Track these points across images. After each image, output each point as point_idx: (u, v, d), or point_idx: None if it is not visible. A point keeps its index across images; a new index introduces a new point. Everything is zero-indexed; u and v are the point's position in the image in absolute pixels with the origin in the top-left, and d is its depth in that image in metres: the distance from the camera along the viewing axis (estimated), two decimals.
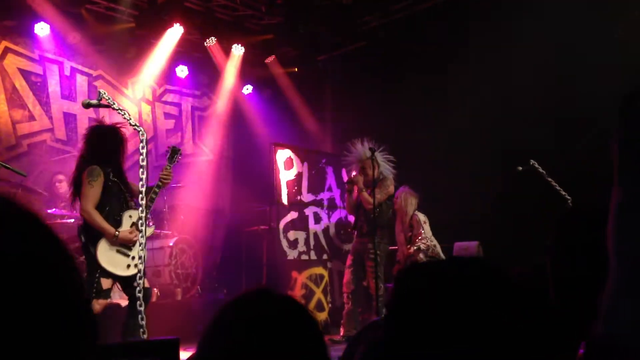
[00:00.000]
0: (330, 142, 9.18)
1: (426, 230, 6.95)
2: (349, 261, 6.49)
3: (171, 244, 6.81)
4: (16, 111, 7.31)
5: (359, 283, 6.38)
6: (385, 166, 6.57)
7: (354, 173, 6.67)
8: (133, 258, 4.30)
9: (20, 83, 7.37)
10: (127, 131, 4.42)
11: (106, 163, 4.30)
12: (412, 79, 7.94)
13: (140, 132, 3.78)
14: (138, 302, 3.85)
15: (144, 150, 3.74)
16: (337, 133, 9.10)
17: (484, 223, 7.85)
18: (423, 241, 6.85)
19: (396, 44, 8.18)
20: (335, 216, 8.38)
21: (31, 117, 7.46)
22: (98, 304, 4.20)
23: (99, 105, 3.74)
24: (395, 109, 8.23)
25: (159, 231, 6.99)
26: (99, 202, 4.23)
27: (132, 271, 4.27)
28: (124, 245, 4.31)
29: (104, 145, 4.31)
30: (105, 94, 3.70)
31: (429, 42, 7.84)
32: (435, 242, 6.96)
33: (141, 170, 3.71)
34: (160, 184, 4.33)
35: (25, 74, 7.44)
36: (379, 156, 6.46)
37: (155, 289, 6.52)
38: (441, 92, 7.82)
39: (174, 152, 4.51)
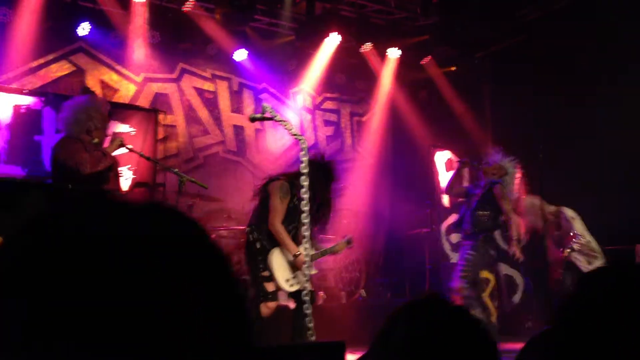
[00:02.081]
0: (490, 141, 8.85)
1: (577, 226, 6.43)
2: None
3: None
4: (192, 126, 7.97)
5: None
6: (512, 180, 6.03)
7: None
8: (294, 278, 4.48)
9: (195, 100, 8.04)
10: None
11: (296, 185, 4.34)
12: (577, 76, 7.40)
13: (302, 141, 3.92)
14: (305, 305, 3.98)
15: (305, 159, 3.87)
16: (498, 132, 8.75)
17: None
18: (574, 240, 6.38)
19: (558, 37, 7.67)
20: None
21: (205, 131, 8.09)
22: (267, 307, 4.42)
23: (263, 119, 3.94)
24: (558, 105, 7.71)
25: (323, 236, 7.21)
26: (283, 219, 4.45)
27: (287, 288, 4.46)
28: (294, 265, 4.51)
29: (316, 174, 4.27)
30: (268, 107, 3.90)
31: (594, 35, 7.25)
32: (589, 238, 6.42)
33: (303, 177, 3.85)
34: (331, 251, 4.88)
35: (199, 91, 8.10)
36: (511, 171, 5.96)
37: (321, 292, 6.74)
38: (609, 89, 7.19)
39: (350, 242, 4.95)
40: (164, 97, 7.73)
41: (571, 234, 6.41)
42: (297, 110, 8.87)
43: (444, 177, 7.77)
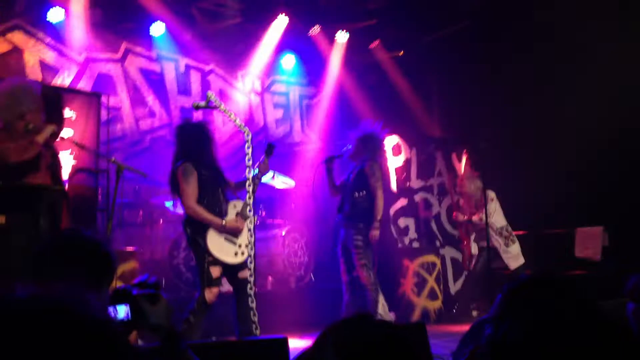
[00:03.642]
0: (438, 126, 8.98)
1: (491, 208, 6.66)
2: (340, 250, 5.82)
3: (283, 233, 6.98)
4: (138, 108, 7.76)
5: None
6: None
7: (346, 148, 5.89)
8: (240, 246, 4.49)
9: (140, 82, 7.82)
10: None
11: (197, 159, 4.45)
12: (520, 59, 7.56)
13: (246, 133, 3.87)
14: (249, 297, 3.95)
15: (250, 150, 3.83)
16: (445, 117, 8.88)
17: (608, 205, 7.39)
18: (474, 219, 6.83)
19: (502, 23, 7.80)
20: (446, 202, 8.22)
21: (152, 114, 7.89)
22: (211, 293, 4.38)
23: (207, 107, 3.87)
24: (504, 90, 7.88)
25: (271, 220, 7.18)
26: (197, 197, 4.43)
27: (240, 259, 4.47)
28: (231, 234, 4.48)
29: (192, 143, 4.47)
30: (212, 96, 3.83)
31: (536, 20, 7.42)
32: (504, 222, 6.83)
33: (247, 169, 3.80)
34: (259, 174, 4.55)
35: (144, 72, 7.87)
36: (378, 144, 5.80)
37: (269, 277, 6.74)
38: (551, 72, 7.40)
39: (270, 147, 4.72)
40: (107, 78, 7.48)
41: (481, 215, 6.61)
42: (245, 92, 8.75)
43: (393, 162, 7.84)
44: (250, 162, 3.82)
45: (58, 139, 4.28)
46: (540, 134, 7.61)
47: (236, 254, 4.49)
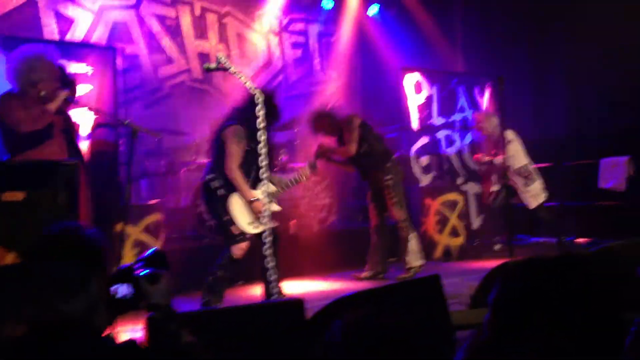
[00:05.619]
0: (461, 61, 8.75)
1: (511, 149, 6.65)
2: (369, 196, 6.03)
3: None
4: (155, 55, 7.72)
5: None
6: None
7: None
8: (257, 219, 4.54)
9: (156, 28, 7.74)
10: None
11: (252, 130, 4.25)
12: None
13: (256, 96, 3.83)
14: (265, 246, 3.98)
15: (261, 113, 3.78)
16: (469, 51, 8.64)
17: (636, 135, 7.25)
18: (495, 160, 6.82)
19: None
20: (469, 138, 8.13)
21: (169, 60, 7.85)
22: (238, 249, 4.50)
23: (218, 69, 3.83)
24: (531, 21, 7.61)
25: (292, 164, 7.22)
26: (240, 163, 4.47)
27: (251, 230, 4.54)
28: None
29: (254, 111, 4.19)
30: (223, 57, 3.78)
31: None
32: (526, 160, 6.81)
33: (259, 132, 3.78)
34: (296, 180, 4.93)
35: (160, 18, 7.78)
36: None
37: (293, 221, 6.84)
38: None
39: (312, 167, 5.06)
40: (122, 26, 7.42)
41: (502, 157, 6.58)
42: (263, 33, 8.61)
43: (414, 100, 7.73)
44: (263, 124, 3.77)
45: (73, 102, 4.32)
46: (566, 66, 7.40)
47: (250, 223, 4.55)
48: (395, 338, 1.51)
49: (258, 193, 4.50)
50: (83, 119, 5.25)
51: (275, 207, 4.73)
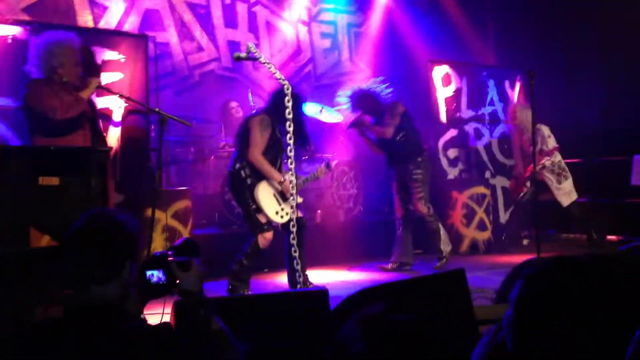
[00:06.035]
0: (492, 53, 8.66)
1: (550, 144, 6.71)
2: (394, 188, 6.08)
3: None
4: (186, 43, 7.80)
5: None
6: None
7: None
8: (282, 209, 4.61)
9: (187, 16, 7.81)
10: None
11: (279, 122, 4.49)
12: None
13: (285, 86, 3.85)
14: (291, 235, 3.92)
15: (290, 104, 3.80)
16: (500, 43, 8.54)
17: None
18: (548, 157, 6.74)
19: None
20: (498, 131, 8.06)
21: (200, 48, 7.92)
22: (264, 238, 4.55)
23: (247, 59, 3.85)
24: (563, 14, 7.49)
25: (319, 154, 7.24)
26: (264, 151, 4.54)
27: (278, 219, 4.61)
28: (281, 195, 4.63)
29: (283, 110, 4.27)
30: (252, 47, 3.80)
31: None
32: (559, 157, 6.79)
33: (288, 123, 3.79)
34: (310, 178, 4.98)
35: (191, 6, 7.85)
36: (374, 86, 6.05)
37: (318, 211, 6.88)
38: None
39: (328, 166, 5.10)
40: (154, 14, 7.50)
41: (544, 148, 6.63)
42: (292, 23, 8.63)
43: (442, 92, 7.68)
44: (291, 115, 3.79)
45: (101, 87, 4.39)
46: (600, 61, 7.27)
47: (277, 213, 4.62)
48: (411, 333, 1.52)
49: (286, 176, 4.57)
50: (115, 105, 5.35)
51: (299, 199, 4.79)
